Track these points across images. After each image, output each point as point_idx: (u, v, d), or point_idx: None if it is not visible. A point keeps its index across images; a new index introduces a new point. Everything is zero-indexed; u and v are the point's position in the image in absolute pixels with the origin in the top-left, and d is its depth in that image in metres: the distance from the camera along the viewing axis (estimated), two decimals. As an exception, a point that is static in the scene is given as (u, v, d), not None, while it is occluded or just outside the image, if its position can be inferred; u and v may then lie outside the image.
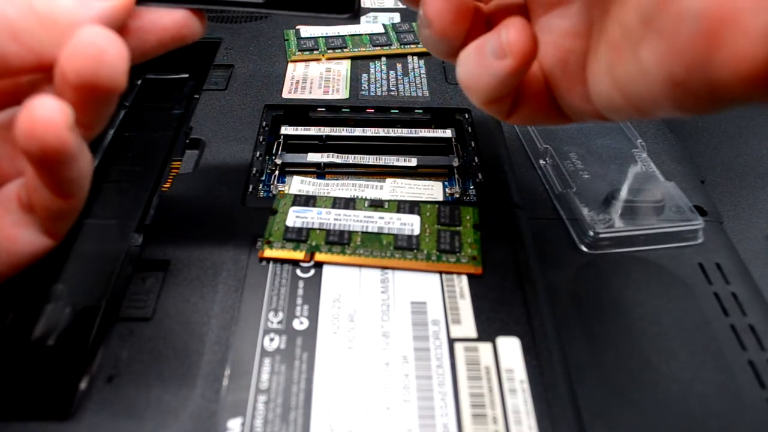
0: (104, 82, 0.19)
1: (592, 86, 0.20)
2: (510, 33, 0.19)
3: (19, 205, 0.20)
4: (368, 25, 0.43)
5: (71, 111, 0.18)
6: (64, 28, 0.19)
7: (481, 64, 0.20)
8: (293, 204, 0.27)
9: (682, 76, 0.15)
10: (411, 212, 0.27)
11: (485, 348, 0.23)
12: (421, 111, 0.35)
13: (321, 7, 0.23)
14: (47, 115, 0.18)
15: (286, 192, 0.30)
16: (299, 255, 0.25)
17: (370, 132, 0.33)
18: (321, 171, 0.32)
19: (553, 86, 0.21)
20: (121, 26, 0.21)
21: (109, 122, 0.20)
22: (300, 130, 0.33)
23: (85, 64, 0.18)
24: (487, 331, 0.23)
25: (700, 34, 0.15)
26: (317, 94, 0.36)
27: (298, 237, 0.26)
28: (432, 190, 0.30)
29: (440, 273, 0.25)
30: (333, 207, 0.27)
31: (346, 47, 0.39)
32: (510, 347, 0.23)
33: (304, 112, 0.35)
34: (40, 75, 0.21)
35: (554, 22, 0.21)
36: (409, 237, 0.26)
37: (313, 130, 0.33)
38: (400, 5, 0.46)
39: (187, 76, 0.38)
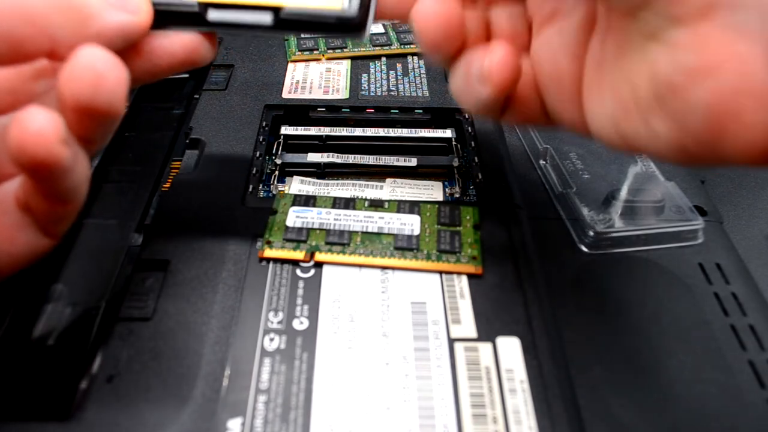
0: (101, 107, 0.18)
1: (590, 118, 0.20)
2: (492, 60, 0.20)
3: (17, 205, 0.20)
4: (368, 25, 0.43)
5: (63, 124, 0.18)
6: (83, 18, 0.19)
7: (466, 83, 0.21)
8: (293, 204, 0.27)
9: (692, 150, 0.17)
10: (411, 212, 0.27)
11: (485, 348, 0.23)
12: (421, 111, 0.35)
13: (331, 27, 0.23)
14: (38, 128, 0.17)
15: (286, 192, 0.30)
16: (299, 255, 0.25)
17: (370, 132, 0.33)
18: (321, 171, 0.32)
19: (546, 98, 0.21)
20: (132, 46, 0.21)
21: None
22: (300, 130, 0.33)
23: (82, 88, 0.18)
24: (487, 331, 0.23)
25: (708, 123, 0.16)
26: (317, 94, 0.36)
27: (298, 237, 0.26)
28: (432, 190, 0.30)
29: (440, 273, 0.25)
30: (333, 207, 0.27)
31: (346, 47, 0.39)
32: (510, 347, 0.23)
33: (304, 112, 0.35)
34: (46, 64, 0.20)
35: (553, 38, 0.21)
36: (409, 237, 0.26)
37: (313, 130, 0.33)
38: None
39: (187, 76, 0.38)
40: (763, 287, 0.26)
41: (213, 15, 0.23)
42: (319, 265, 0.25)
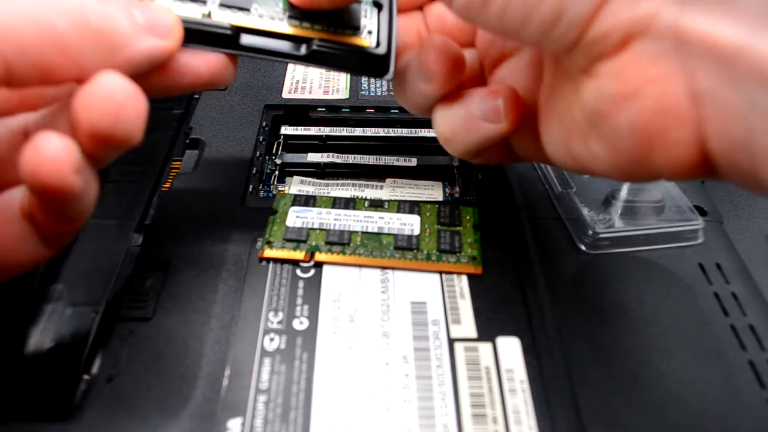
0: (119, 137, 0.18)
1: (546, 146, 0.21)
2: (505, 100, 0.21)
3: (22, 215, 0.20)
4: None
5: (78, 153, 0.18)
6: (114, 46, 0.19)
7: (469, 124, 0.22)
8: (293, 204, 0.27)
9: (628, 168, 0.18)
10: (411, 212, 0.27)
11: (485, 348, 0.23)
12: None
13: (358, 68, 0.23)
14: (52, 155, 0.17)
15: (286, 192, 0.30)
16: (299, 255, 0.25)
17: (370, 132, 0.33)
18: (321, 171, 0.32)
19: (511, 136, 0.23)
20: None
21: None
22: (300, 130, 0.33)
23: (101, 117, 0.18)
24: (487, 331, 0.23)
25: (636, 143, 0.17)
26: (317, 94, 0.36)
27: (298, 237, 0.26)
28: (432, 190, 0.30)
29: (440, 273, 0.25)
30: (333, 207, 0.27)
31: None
32: (510, 347, 0.23)
33: (304, 112, 0.35)
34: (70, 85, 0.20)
35: (507, 77, 0.23)
36: (409, 237, 0.26)
37: (313, 130, 0.33)
38: (400, 5, 0.46)
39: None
40: (763, 287, 0.26)
41: (246, 40, 0.22)
42: (319, 265, 0.25)
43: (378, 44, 0.23)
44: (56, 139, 0.17)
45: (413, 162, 0.32)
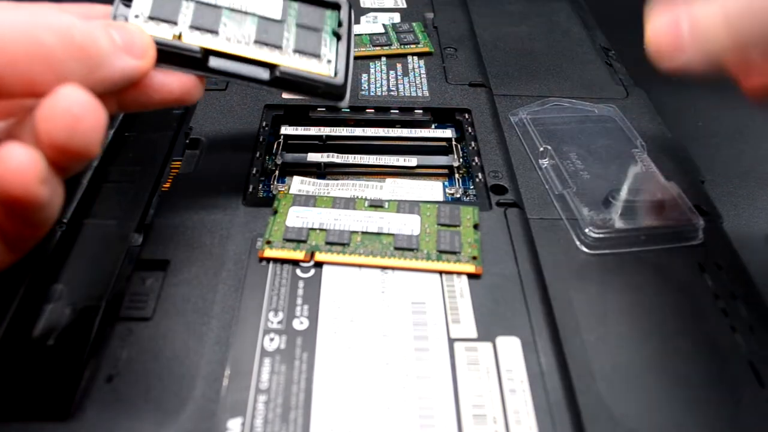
0: (76, 149, 0.18)
1: None
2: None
3: None
4: (368, 25, 0.43)
5: (43, 163, 0.18)
6: (95, 63, 0.20)
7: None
8: (293, 204, 0.27)
9: None
10: (411, 212, 0.27)
11: (485, 348, 0.23)
12: (421, 111, 0.35)
13: (318, 94, 0.25)
14: (17, 166, 0.17)
15: (286, 192, 0.30)
16: (299, 255, 0.25)
17: (370, 132, 0.33)
18: (321, 171, 0.32)
19: None
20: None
21: (110, 123, 0.21)
22: (300, 130, 0.33)
23: (58, 130, 0.18)
24: (487, 331, 0.23)
25: None
26: (317, 94, 0.36)
27: (298, 237, 0.26)
28: (432, 190, 0.30)
29: (440, 273, 0.25)
30: (333, 207, 0.27)
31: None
32: (510, 347, 0.23)
33: (304, 112, 0.35)
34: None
35: None
36: (409, 237, 0.26)
37: (313, 130, 0.33)
38: (400, 5, 0.46)
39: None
40: (763, 287, 0.26)
41: (213, 63, 0.24)
42: (319, 265, 0.25)
43: (336, 74, 0.25)
44: (21, 150, 0.17)
45: (413, 162, 0.32)
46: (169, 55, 0.23)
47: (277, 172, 0.31)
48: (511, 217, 0.28)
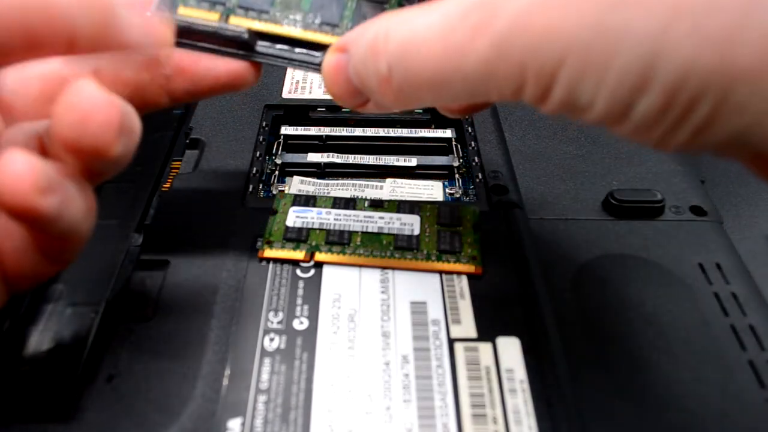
0: (88, 149, 0.17)
1: None
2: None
3: (21, 229, 0.19)
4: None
5: (46, 171, 0.17)
6: (106, 16, 0.18)
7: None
8: (293, 204, 0.27)
9: None
10: (411, 212, 0.27)
11: (485, 348, 0.23)
12: (421, 111, 0.35)
13: None
14: (13, 176, 0.16)
15: (286, 192, 0.30)
16: (299, 255, 0.25)
17: (370, 132, 0.33)
18: (321, 171, 0.32)
19: None
20: (178, 67, 0.21)
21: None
22: (300, 130, 0.33)
23: (66, 127, 0.17)
24: (487, 331, 0.23)
25: None
26: (317, 94, 0.36)
27: (298, 237, 0.26)
28: (432, 190, 0.30)
29: (440, 273, 0.25)
30: (333, 207, 0.27)
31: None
32: (510, 347, 0.23)
33: (304, 112, 0.35)
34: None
35: None
36: (409, 237, 0.26)
37: (313, 130, 0.33)
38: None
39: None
40: (763, 287, 0.26)
41: (262, 47, 0.22)
42: (319, 265, 0.25)
43: None
44: (20, 156, 0.16)
45: (413, 162, 0.32)
46: (214, 38, 0.22)
47: (277, 172, 0.31)
48: (511, 217, 0.28)
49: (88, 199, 0.19)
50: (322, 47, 0.22)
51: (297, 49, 0.22)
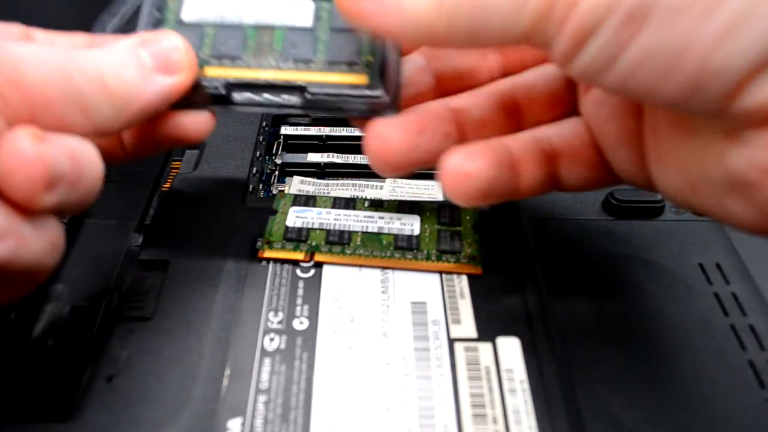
0: (17, 198, 0.17)
1: (657, 182, 0.20)
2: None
3: None
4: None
5: None
6: (125, 103, 0.19)
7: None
8: (293, 204, 0.27)
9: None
10: (411, 212, 0.27)
11: (485, 348, 0.23)
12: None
13: (359, 107, 0.22)
14: None
15: (286, 192, 0.30)
16: (299, 255, 0.25)
17: (370, 132, 0.33)
18: (321, 171, 0.32)
19: (608, 157, 0.22)
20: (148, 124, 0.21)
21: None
22: (300, 130, 0.33)
23: (1, 177, 0.17)
24: (487, 331, 0.23)
25: None
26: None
27: (298, 237, 0.26)
28: (432, 190, 0.30)
29: (440, 273, 0.25)
30: (333, 207, 0.27)
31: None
32: (510, 347, 0.23)
33: (304, 112, 0.35)
34: None
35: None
36: (409, 237, 0.26)
37: (313, 130, 0.33)
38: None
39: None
40: (763, 287, 0.26)
41: (238, 96, 0.22)
42: (319, 265, 0.25)
43: (375, 84, 0.21)
44: None
45: (413, 162, 0.32)
46: (189, 94, 0.21)
47: (277, 172, 0.31)
48: (512, 217, 0.28)
49: (51, 235, 0.18)
50: (296, 88, 0.22)
51: (274, 94, 0.22)
